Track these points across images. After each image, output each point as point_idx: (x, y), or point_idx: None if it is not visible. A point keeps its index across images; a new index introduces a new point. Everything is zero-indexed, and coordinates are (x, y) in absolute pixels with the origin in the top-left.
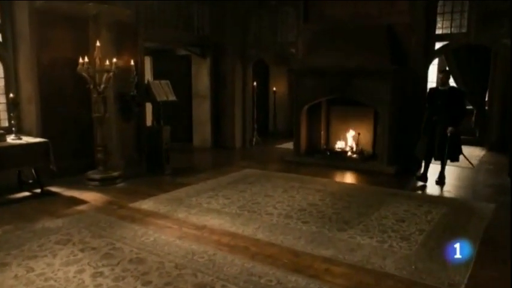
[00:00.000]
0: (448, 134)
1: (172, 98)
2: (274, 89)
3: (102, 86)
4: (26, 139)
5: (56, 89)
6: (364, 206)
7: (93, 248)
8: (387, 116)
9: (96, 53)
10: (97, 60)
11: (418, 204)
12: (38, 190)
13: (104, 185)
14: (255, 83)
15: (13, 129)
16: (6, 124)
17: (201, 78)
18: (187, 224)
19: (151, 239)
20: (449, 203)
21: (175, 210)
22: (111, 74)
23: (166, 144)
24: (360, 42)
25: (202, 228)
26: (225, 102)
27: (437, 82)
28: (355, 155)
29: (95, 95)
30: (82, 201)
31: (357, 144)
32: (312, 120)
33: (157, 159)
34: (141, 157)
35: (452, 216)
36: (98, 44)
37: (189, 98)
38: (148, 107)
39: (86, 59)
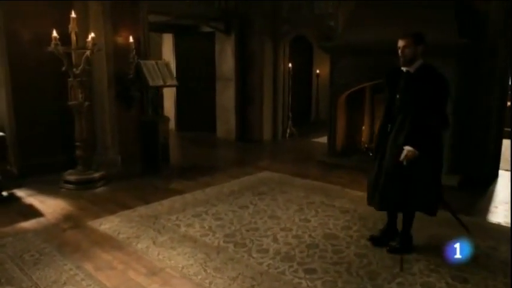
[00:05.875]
0: (404, 162)
1: (171, 82)
2: (318, 71)
3: (80, 67)
4: None
5: (33, 70)
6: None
7: None
8: (450, 107)
9: (71, 26)
10: (72, 36)
11: (492, 246)
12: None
13: (80, 188)
14: (290, 65)
15: None
16: None
17: (225, 58)
18: (141, 262)
19: None
20: None
21: (139, 236)
22: (88, 53)
23: (165, 139)
24: (416, 10)
25: (156, 272)
26: (253, 87)
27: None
28: None
29: (70, 79)
30: (36, 214)
31: None
32: (352, 111)
33: (153, 157)
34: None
35: None
36: (72, 15)
37: (215, 81)
38: (166, 91)
39: (55, 34)
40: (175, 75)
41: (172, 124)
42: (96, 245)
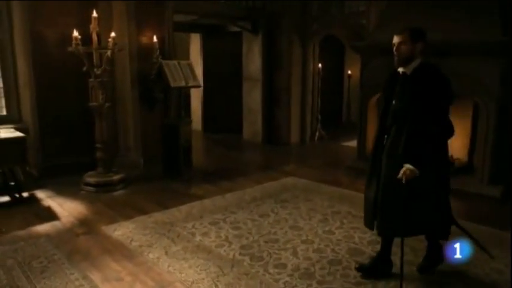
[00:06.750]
0: (403, 181)
1: (193, 83)
2: (350, 72)
3: (101, 68)
4: (3, 133)
5: (57, 71)
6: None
7: None
8: (493, 111)
9: (92, 26)
10: (94, 36)
11: None
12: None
13: (99, 191)
14: (320, 65)
15: None
16: (4, 112)
17: (253, 58)
18: (150, 274)
19: None
20: None
21: (152, 244)
22: (108, 53)
23: (187, 142)
24: (453, 6)
25: (164, 287)
26: (280, 88)
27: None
28: None
29: (91, 79)
30: (52, 217)
31: None
32: None
33: (174, 161)
34: None
35: None
36: (94, 14)
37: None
38: (194, 92)
39: (76, 34)
40: (202, 75)
41: (199, 125)
42: (106, 252)
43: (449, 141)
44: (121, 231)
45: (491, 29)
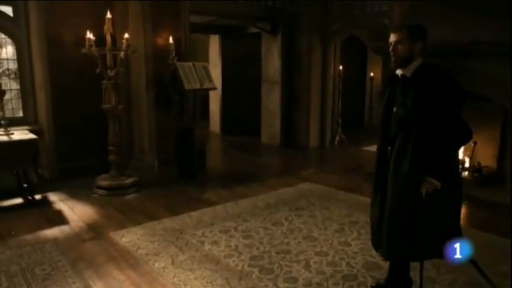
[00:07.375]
0: (423, 194)
1: (208, 85)
2: (372, 74)
3: (114, 69)
4: (17, 135)
5: (72, 72)
6: (463, 283)
7: None
8: None
9: (106, 27)
10: (107, 37)
11: None
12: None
13: (110, 194)
14: (341, 67)
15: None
16: (21, 114)
17: (271, 59)
18: (154, 285)
19: None
20: None
21: (159, 253)
22: (122, 54)
23: (202, 145)
24: (479, 6)
25: None
26: (300, 90)
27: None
28: (467, 174)
29: (104, 81)
30: (61, 221)
31: (471, 158)
32: None
33: (188, 164)
34: None
35: None
36: (108, 15)
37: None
38: (212, 94)
39: (89, 35)
40: (221, 77)
41: (217, 127)
42: (112, 260)
43: (476, 148)
44: (129, 237)
45: None
